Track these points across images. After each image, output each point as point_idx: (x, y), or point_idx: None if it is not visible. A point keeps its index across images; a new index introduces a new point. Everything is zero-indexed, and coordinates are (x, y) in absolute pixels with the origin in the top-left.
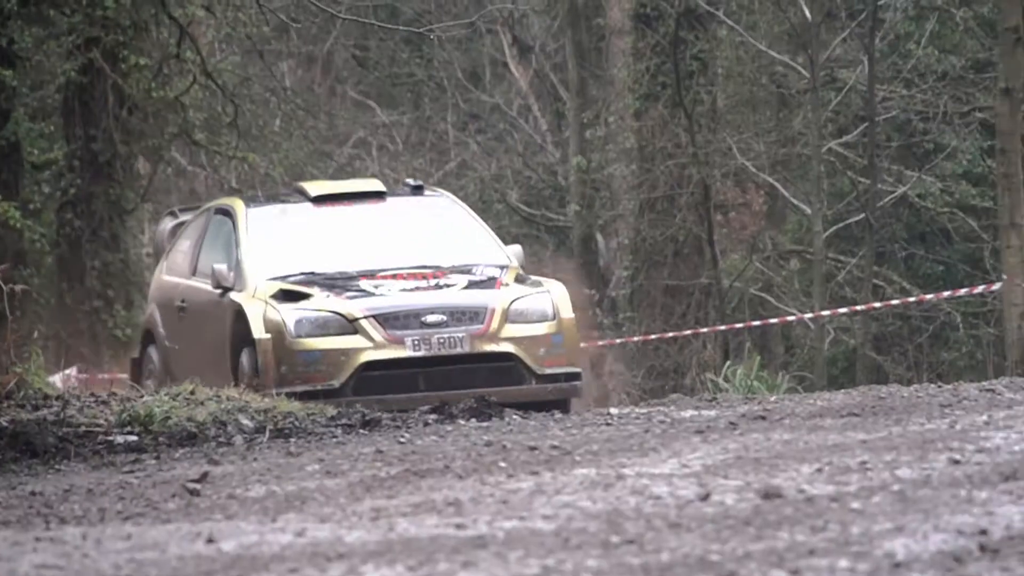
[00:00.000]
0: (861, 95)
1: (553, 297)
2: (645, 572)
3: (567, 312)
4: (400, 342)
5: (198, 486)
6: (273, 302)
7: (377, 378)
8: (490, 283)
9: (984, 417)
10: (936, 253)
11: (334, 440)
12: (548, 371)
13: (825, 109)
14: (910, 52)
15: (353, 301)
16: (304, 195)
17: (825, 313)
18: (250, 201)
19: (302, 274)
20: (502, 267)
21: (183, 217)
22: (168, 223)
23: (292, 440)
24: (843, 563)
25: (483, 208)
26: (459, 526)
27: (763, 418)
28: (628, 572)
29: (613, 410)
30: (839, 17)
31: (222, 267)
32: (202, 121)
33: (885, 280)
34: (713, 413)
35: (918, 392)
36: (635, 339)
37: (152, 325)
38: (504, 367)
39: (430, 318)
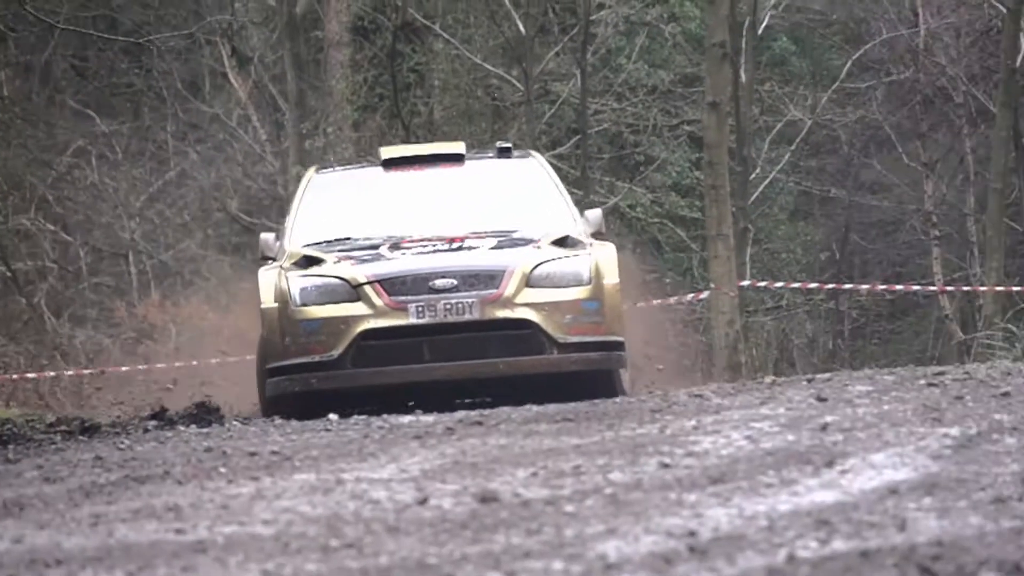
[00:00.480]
0: (574, 108)
1: (594, 260)
2: (363, 575)
3: (610, 277)
4: (404, 309)
5: None
6: (289, 269)
7: (378, 348)
8: (521, 245)
9: (693, 422)
10: (647, 263)
11: (53, 447)
12: (574, 340)
13: (539, 121)
14: (621, 66)
15: (359, 266)
16: (378, 160)
17: None
18: (322, 168)
19: (336, 240)
20: (549, 232)
21: None
22: None
23: (10, 447)
24: (557, 565)
25: (203, 217)
26: (179, 531)
27: (480, 424)
28: (347, 575)
29: (332, 416)
30: (552, 32)
31: (268, 236)
32: None
33: None
34: (431, 419)
35: (629, 398)
36: None
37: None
38: (519, 335)
39: (439, 283)
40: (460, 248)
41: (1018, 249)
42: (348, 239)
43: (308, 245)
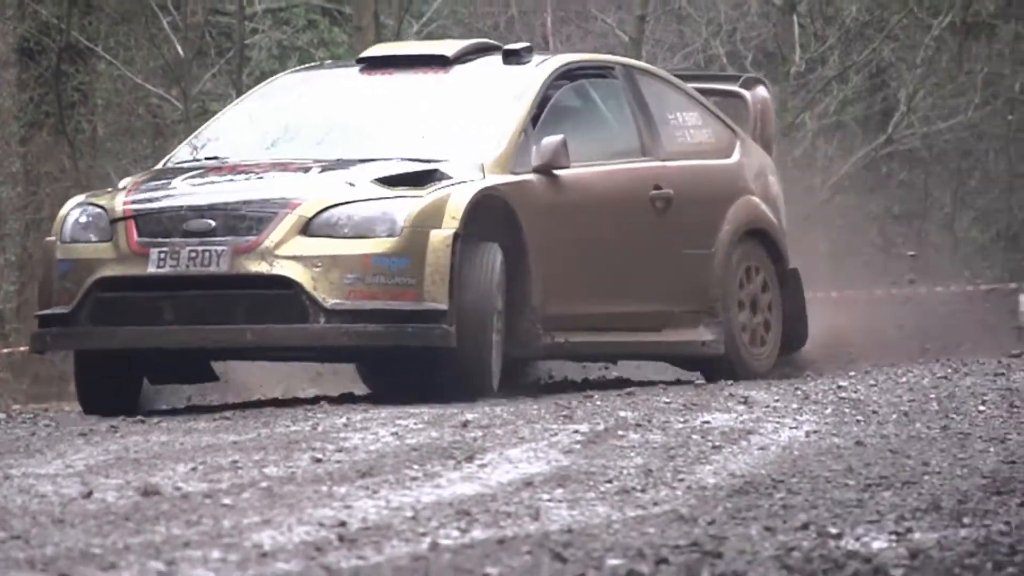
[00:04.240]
0: None
1: (423, 204)
2: (30, 565)
3: (445, 227)
4: (146, 255)
5: None
6: (111, 194)
7: (113, 303)
8: (341, 178)
9: (343, 420)
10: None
11: None
12: (352, 306)
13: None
14: None
15: (131, 195)
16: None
17: None
18: (308, 67)
19: (206, 159)
20: (430, 161)
21: None
22: None
23: None
24: (215, 554)
25: None
26: None
27: (142, 421)
28: (15, 566)
29: (0, 414)
30: (209, 54)
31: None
32: None
33: None
34: (94, 417)
35: (283, 397)
36: (22, 349)
37: None
38: (273, 296)
39: (193, 223)
40: (261, 179)
41: None
42: (215, 159)
43: (176, 163)
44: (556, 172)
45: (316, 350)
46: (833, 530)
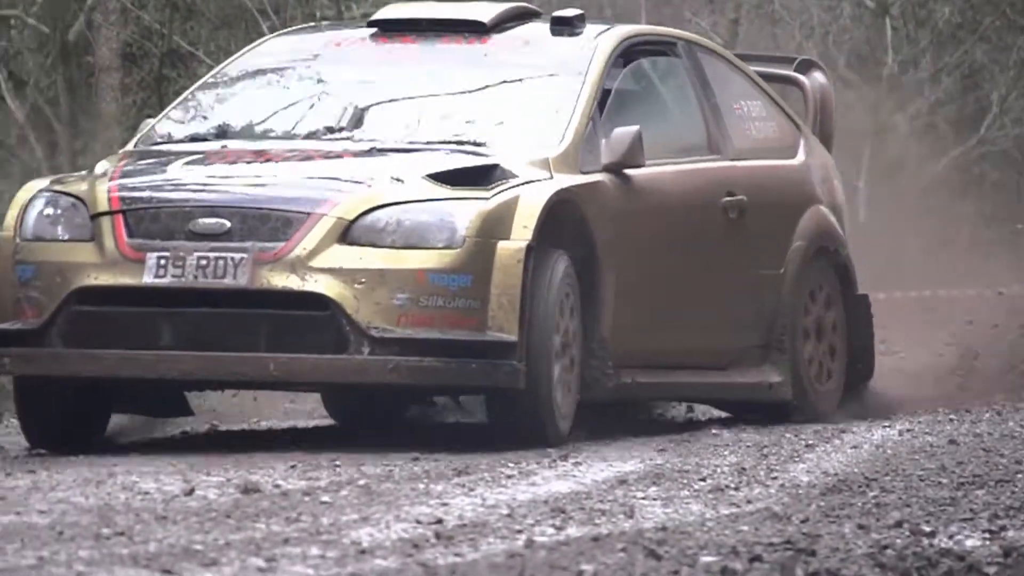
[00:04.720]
0: None
1: (489, 209)
2: (134, 561)
3: (515, 240)
4: (141, 260)
5: None
6: (87, 178)
7: (95, 319)
8: (385, 171)
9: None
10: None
11: None
12: (402, 334)
13: None
14: None
15: (120, 183)
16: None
17: None
18: (297, 29)
19: (199, 138)
20: (484, 154)
21: None
22: None
23: None
24: (314, 550)
25: None
26: None
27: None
28: (118, 561)
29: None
30: None
31: (151, 122)
32: None
33: None
34: (193, 417)
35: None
36: None
37: None
38: (306, 319)
39: (202, 222)
40: (284, 168)
41: None
42: (212, 137)
43: (161, 141)
44: (628, 172)
45: (356, 387)
46: (927, 528)
